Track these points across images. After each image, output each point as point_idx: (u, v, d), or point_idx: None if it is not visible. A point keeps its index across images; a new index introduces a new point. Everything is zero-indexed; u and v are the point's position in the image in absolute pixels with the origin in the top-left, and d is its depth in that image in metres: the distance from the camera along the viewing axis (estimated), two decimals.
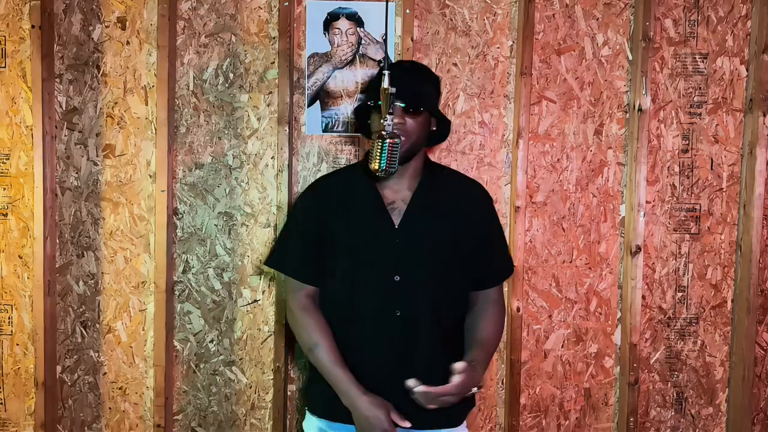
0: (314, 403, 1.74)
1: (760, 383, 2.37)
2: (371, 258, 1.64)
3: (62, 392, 2.29)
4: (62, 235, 2.25)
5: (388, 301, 1.63)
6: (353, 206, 1.68)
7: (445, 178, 1.73)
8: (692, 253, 2.34)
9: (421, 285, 1.63)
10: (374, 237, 1.65)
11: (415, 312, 1.62)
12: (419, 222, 1.65)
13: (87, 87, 2.23)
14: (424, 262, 1.64)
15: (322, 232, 1.69)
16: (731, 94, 2.31)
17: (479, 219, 1.74)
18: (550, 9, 2.27)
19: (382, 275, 1.63)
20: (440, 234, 1.66)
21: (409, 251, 1.63)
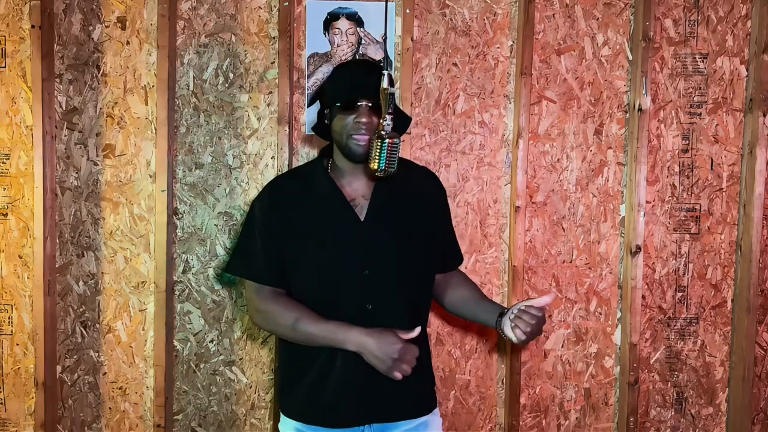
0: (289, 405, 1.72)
1: (760, 383, 2.37)
2: (339, 254, 1.64)
3: (62, 392, 2.30)
4: (62, 235, 2.25)
5: (359, 296, 1.63)
6: (316, 204, 1.67)
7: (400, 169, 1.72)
8: (692, 253, 2.34)
9: (390, 277, 1.64)
10: (341, 233, 1.65)
11: (387, 304, 1.63)
12: (384, 215, 1.66)
13: (87, 87, 2.24)
14: (393, 254, 1.65)
15: (283, 234, 1.67)
16: (731, 94, 2.31)
17: (437, 205, 1.78)
18: (550, 9, 2.27)
19: (351, 270, 1.63)
20: (405, 225, 1.67)
21: (376, 244, 1.64)
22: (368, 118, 1.58)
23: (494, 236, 2.30)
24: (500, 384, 2.34)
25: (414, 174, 1.77)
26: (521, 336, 1.59)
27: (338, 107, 1.61)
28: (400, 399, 1.65)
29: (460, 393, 2.33)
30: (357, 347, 1.57)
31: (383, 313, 1.62)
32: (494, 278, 2.31)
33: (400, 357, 1.53)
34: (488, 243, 2.30)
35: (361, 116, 1.58)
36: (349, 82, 1.62)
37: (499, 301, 2.30)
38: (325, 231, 1.65)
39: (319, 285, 1.65)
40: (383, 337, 1.55)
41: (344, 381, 1.62)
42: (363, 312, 1.62)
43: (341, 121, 1.61)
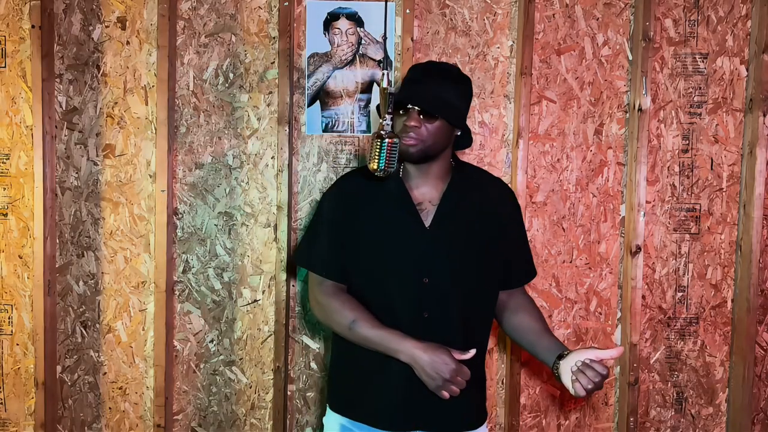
0: (336, 399, 1.72)
1: (760, 383, 2.37)
2: (400, 259, 1.62)
3: (62, 392, 2.30)
4: (62, 235, 2.26)
5: (416, 303, 1.61)
6: (382, 205, 1.66)
7: (472, 178, 1.70)
8: (692, 253, 2.34)
9: (449, 287, 1.62)
10: (405, 238, 1.63)
11: (443, 314, 1.61)
12: (449, 223, 1.63)
13: (87, 87, 2.24)
14: (454, 264, 1.62)
15: (348, 231, 1.67)
16: (731, 94, 2.31)
17: (507, 218, 1.72)
18: (550, 9, 2.27)
19: (411, 277, 1.61)
20: (470, 235, 1.64)
21: (438, 253, 1.61)
22: (417, 122, 1.57)
23: None
24: (500, 384, 2.34)
25: (487, 184, 1.73)
26: (581, 392, 1.52)
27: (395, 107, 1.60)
28: (451, 410, 1.62)
29: None
30: (410, 360, 1.55)
31: (439, 322, 1.60)
32: None
33: (451, 378, 1.51)
34: None
35: (409, 120, 1.57)
36: (408, 83, 1.61)
37: None
38: (388, 233, 1.64)
39: (377, 287, 1.64)
40: (437, 355, 1.52)
41: (397, 382, 1.60)
42: (419, 320, 1.60)
43: (398, 121, 1.60)
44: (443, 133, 1.61)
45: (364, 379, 1.65)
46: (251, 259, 2.28)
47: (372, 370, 1.63)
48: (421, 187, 1.66)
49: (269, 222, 2.27)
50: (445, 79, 1.64)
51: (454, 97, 1.62)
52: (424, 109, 1.57)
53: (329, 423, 1.73)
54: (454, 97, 1.63)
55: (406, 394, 1.60)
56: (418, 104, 1.57)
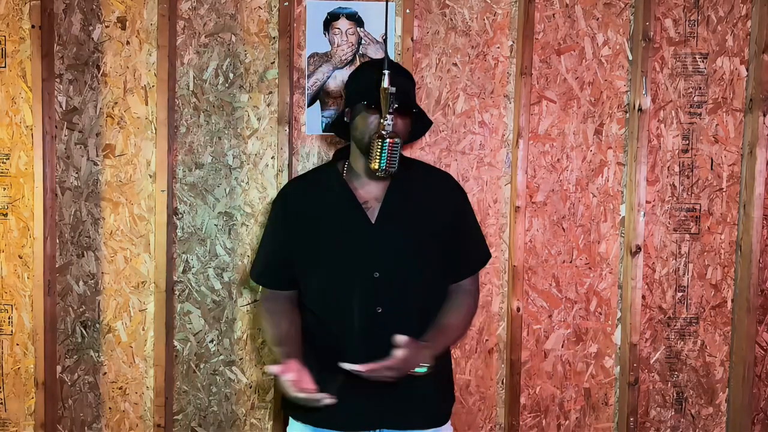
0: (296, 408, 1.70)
1: (760, 383, 2.37)
2: (350, 256, 1.64)
3: (62, 392, 2.29)
4: (62, 235, 2.25)
5: (369, 298, 1.63)
6: (327, 207, 1.68)
7: (417, 173, 1.73)
8: (692, 253, 2.34)
9: (400, 280, 1.64)
10: (352, 235, 1.65)
11: (397, 308, 1.63)
12: (395, 218, 1.65)
13: (87, 87, 2.23)
14: (403, 257, 1.64)
15: (293, 238, 1.70)
16: (731, 94, 2.31)
17: (452, 211, 1.74)
18: (550, 9, 2.27)
19: (361, 272, 1.63)
20: (416, 228, 1.66)
21: (387, 247, 1.64)
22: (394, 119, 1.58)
23: (494, 236, 2.30)
24: (500, 384, 2.34)
25: (431, 178, 1.76)
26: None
27: (364, 105, 1.61)
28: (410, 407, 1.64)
29: (460, 393, 2.33)
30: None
31: (393, 317, 1.62)
32: (494, 278, 2.31)
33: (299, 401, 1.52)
34: (488, 243, 2.29)
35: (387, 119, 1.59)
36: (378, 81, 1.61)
37: (499, 302, 2.31)
38: (335, 233, 1.66)
39: (329, 287, 1.65)
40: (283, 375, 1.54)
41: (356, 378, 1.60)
42: (373, 315, 1.61)
43: (365, 119, 1.60)
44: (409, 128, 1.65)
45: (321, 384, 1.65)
46: (251, 259, 2.27)
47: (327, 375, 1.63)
48: (367, 185, 1.68)
49: None
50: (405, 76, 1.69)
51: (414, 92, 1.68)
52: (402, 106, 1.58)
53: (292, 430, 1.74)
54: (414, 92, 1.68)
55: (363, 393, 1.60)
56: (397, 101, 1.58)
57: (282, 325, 1.69)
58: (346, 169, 1.71)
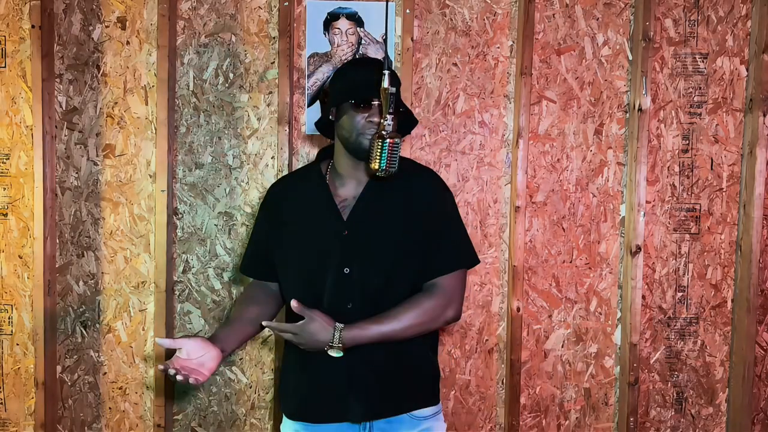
0: (287, 405, 1.73)
1: (760, 383, 2.37)
2: (321, 252, 1.66)
3: (62, 392, 2.29)
4: (62, 235, 2.25)
5: (340, 294, 1.63)
6: (304, 204, 1.71)
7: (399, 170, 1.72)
8: (692, 253, 2.34)
9: (371, 277, 1.63)
10: (323, 230, 1.66)
11: (367, 304, 1.63)
12: (368, 214, 1.65)
13: (87, 87, 2.23)
14: (373, 253, 1.64)
15: (273, 232, 1.73)
16: (731, 94, 2.31)
17: (428, 208, 1.69)
18: (550, 9, 2.27)
19: (332, 268, 1.64)
20: (388, 225, 1.66)
21: (357, 243, 1.64)
22: (380, 117, 1.58)
23: (494, 236, 2.30)
24: (500, 384, 2.34)
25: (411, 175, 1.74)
26: None
27: (351, 104, 1.61)
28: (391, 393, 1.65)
29: (460, 393, 2.33)
30: None
31: (363, 312, 1.62)
32: (494, 278, 2.31)
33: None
34: (488, 243, 2.30)
35: (374, 115, 1.58)
36: (364, 80, 1.60)
37: (499, 302, 2.31)
38: (309, 229, 1.68)
39: (302, 282, 1.67)
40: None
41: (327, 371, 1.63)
42: (343, 311, 1.62)
43: (351, 118, 1.60)
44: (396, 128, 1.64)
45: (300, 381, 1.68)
46: None
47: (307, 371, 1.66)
48: (348, 184, 1.69)
49: None
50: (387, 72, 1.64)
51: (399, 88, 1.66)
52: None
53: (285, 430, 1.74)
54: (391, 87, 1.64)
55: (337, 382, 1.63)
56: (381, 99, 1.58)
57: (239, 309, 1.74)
58: (329, 169, 1.72)
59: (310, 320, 1.56)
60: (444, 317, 1.67)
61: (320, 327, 1.56)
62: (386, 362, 1.64)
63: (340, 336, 1.56)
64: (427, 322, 1.66)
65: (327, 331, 1.56)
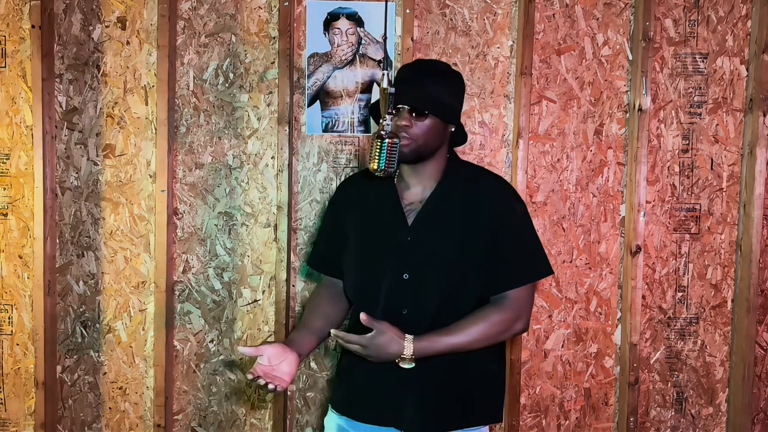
0: (335, 398, 1.76)
1: (760, 383, 2.37)
2: (382, 254, 1.65)
3: (62, 392, 2.30)
4: (62, 235, 2.25)
5: (396, 299, 1.62)
6: (371, 204, 1.71)
7: (467, 177, 1.69)
8: (692, 253, 2.34)
9: (429, 285, 1.62)
10: (386, 234, 1.66)
11: (423, 311, 1.61)
12: (432, 221, 1.64)
13: (87, 87, 2.24)
14: (434, 261, 1.62)
15: (340, 230, 1.76)
16: (731, 94, 2.31)
17: (497, 218, 1.64)
18: (550, 9, 2.26)
19: (391, 273, 1.63)
20: (452, 233, 1.63)
21: (419, 250, 1.63)
22: (408, 122, 1.58)
23: None
24: None
25: (482, 183, 1.71)
26: None
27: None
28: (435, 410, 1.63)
29: None
30: None
31: (419, 319, 1.60)
32: None
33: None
34: None
35: (401, 119, 1.58)
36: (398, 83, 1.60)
37: None
38: (371, 230, 1.69)
39: (361, 283, 1.69)
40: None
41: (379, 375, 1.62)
42: (399, 316, 1.60)
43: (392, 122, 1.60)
44: (435, 131, 1.62)
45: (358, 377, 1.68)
46: (251, 259, 2.28)
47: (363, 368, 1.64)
48: (414, 187, 1.68)
49: (269, 222, 2.27)
50: (434, 76, 1.64)
51: (443, 94, 1.62)
52: (414, 108, 1.57)
53: (328, 423, 1.75)
54: (444, 94, 1.63)
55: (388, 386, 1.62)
56: (408, 103, 1.58)
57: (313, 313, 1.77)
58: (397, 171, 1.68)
59: (380, 333, 1.52)
60: (513, 330, 1.64)
61: (390, 339, 1.53)
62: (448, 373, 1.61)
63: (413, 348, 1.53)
64: (495, 334, 1.62)
65: (398, 344, 1.53)
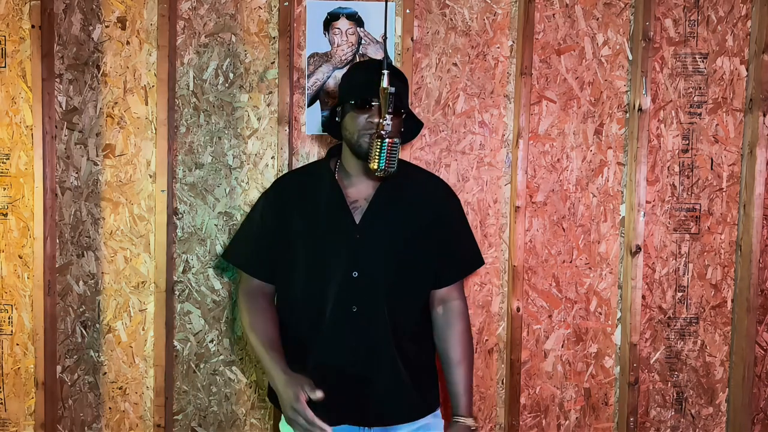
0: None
1: (760, 383, 2.37)
2: (330, 253, 1.66)
3: (62, 392, 2.30)
4: (62, 235, 2.25)
5: (346, 297, 1.64)
6: (315, 203, 1.70)
7: (408, 175, 1.73)
8: (692, 253, 2.34)
9: (378, 281, 1.64)
10: (334, 232, 1.66)
11: (372, 308, 1.64)
12: (379, 219, 1.66)
13: (87, 87, 2.24)
14: (383, 258, 1.65)
15: (281, 230, 1.72)
16: (731, 94, 2.31)
17: (439, 215, 1.73)
18: (550, 9, 2.27)
19: (340, 270, 1.64)
20: (399, 231, 1.67)
21: (367, 247, 1.64)
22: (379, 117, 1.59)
23: (494, 236, 2.30)
24: (500, 384, 2.34)
25: (422, 181, 1.76)
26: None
27: (352, 105, 1.61)
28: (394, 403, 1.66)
29: None
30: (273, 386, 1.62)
31: (368, 316, 1.63)
32: (494, 278, 2.31)
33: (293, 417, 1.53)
34: (488, 243, 2.30)
35: (374, 116, 1.59)
36: (365, 81, 1.62)
37: (499, 302, 2.31)
38: (319, 230, 1.68)
39: (308, 283, 1.67)
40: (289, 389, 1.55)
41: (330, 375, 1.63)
42: (348, 314, 1.62)
43: (354, 119, 1.61)
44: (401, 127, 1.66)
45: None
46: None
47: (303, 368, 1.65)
48: (357, 184, 1.69)
49: None
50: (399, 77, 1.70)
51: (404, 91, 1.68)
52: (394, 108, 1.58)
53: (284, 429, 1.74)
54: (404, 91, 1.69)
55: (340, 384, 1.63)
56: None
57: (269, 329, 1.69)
58: (337, 168, 1.72)
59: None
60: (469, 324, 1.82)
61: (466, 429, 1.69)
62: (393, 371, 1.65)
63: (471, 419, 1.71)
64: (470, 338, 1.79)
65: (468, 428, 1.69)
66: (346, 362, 1.62)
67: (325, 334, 1.65)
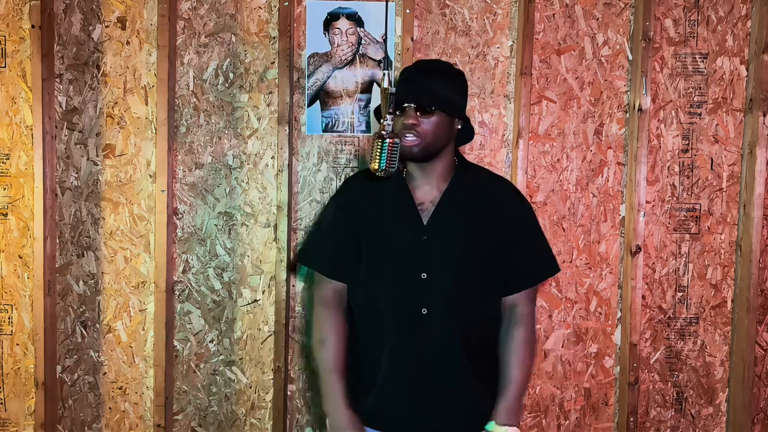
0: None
1: (760, 383, 2.37)
2: (399, 254, 1.65)
3: (62, 392, 2.30)
4: (62, 235, 2.25)
5: (415, 298, 1.62)
6: (384, 204, 1.69)
7: (476, 177, 1.72)
8: (692, 253, 2.34)
9: (447, 283, 1.63)
10: (403, 234, 1.65)
11: (442, 310, 1.62)
12: (447, 220, 1.65)
13: (87, 87, 2.24)
14: (452, 260, 1.63)
15: (352, 230, 1.71)
16: (731, 94, 2.31)
17: (509, 219, 1.69)
18: (550, 9, 2.27)
19: (409, 272, 1.63)
20: (468, 233, 1.65)
21: (436, 248, 1.63)
22: (415, 120, 1.58)
23: None
24: None
25: (490, 183, 1.74)
26: None
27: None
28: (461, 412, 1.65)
29: None
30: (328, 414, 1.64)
31: (438, 319, 1.61)
32: None
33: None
34: None
35: (407, 118, 1.58)
36: (402, 83, 1.61)
37: None
38: (388, 231, 1.67)
39: (377, 285, 1.66)
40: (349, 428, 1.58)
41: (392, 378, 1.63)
42: (417, 315, 1.61)
43: (397, 122, 1.61)
44: (442, 128, 1.62)
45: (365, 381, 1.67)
46: (251, 259, 2.28)
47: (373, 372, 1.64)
48: (423, 186, 1.68)
49: (269, 222, 2.27)
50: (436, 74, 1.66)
51: (447, 90, 1.64)
52: (420, 105, 1.58)
53: None
54: (448, 90, 1.65)
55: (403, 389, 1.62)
56: (414, 101, 1.58)
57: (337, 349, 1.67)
58: (405, 170, 1.70)
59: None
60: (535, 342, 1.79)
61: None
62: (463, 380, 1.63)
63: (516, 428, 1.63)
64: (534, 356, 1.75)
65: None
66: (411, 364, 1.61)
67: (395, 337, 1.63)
